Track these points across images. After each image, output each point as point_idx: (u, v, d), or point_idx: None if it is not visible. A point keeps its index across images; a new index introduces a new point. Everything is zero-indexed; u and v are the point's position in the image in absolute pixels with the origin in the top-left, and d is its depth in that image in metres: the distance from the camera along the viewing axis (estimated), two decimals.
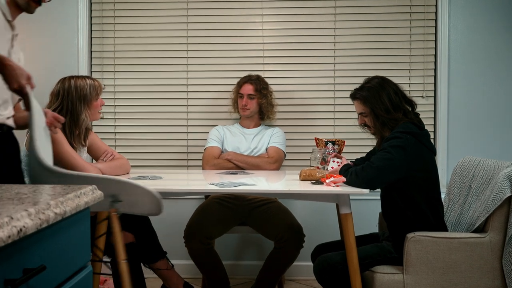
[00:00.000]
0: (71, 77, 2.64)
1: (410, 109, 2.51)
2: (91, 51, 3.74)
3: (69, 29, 3.69)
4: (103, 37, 3.74)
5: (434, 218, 2.43)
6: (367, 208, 3.37)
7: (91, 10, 3.73)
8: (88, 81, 2.63)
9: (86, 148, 2.79)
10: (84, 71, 3.65)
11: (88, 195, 1.38)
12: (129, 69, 3.74)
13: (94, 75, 3.71)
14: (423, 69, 3.63)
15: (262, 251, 3.61)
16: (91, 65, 3.74)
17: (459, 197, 2.69)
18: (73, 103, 2.57)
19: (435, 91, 3.63)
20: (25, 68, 3.57)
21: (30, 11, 2.12)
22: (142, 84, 3.73)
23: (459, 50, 3.59)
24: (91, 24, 3.73)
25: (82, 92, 2.58)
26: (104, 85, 3.69)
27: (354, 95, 2.54)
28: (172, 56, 3.72)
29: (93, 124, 3.69)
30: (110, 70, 3.74)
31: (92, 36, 3.74)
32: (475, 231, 2.41)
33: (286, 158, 3.40)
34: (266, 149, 3.34)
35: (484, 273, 2.32)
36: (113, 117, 3.74)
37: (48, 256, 1.14)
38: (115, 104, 3.74)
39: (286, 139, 3.44)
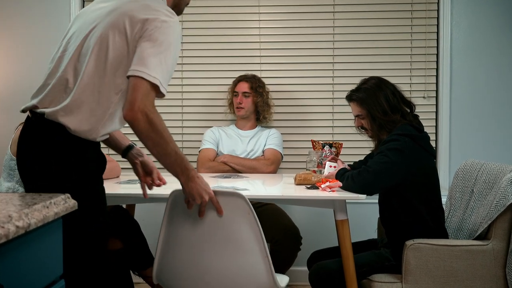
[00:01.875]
0: None
1: (409, 111, 2.43)
2: None
3: (61, 26, 3.60)
4: None
5: (434, 224, 2.34)
6: (365, 213, 3.26)
7: (83, 6, 3.63)
8: None
9: None
10: None
11: (59, 205, 1.29)
12: None
13: None
14: (425, 68, 3.52)
15: None
16: None
17: (461, 202, 2.60)
18: None
19: (437, 91, 3.52)
20: (17, 66, 3.55)
21: (180, 12, 1.99)
22: None
23: (462, 49, 3.48)
24: None
25: None
26: None
27: (350, 97, 2.46)
28: None
29: None
30: None
31: None
32: (477, 238, 2.32)
33: (283, 160, 3.31)
34: (263, 151, 3.25)
35: (487, 282, 2.23)
36: None
37: (8, 273, 1.05)
38: None
39: (283, 140, 3.35)
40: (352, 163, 2.68)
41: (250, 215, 1.86)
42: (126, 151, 2.08)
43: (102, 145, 1.97)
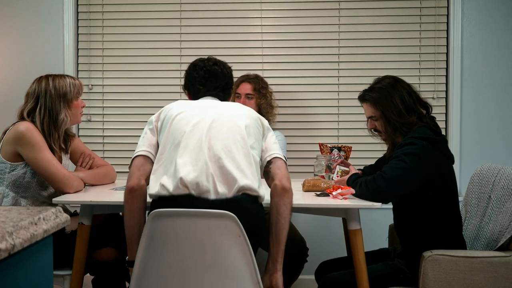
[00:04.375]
0: (49, 75, 2.46)
1: (425, 112, 2.28)
2: (78, 49, 3.51)
3: (53, 25, 3.47)
4: (90, 33, 3.50)
5: (452, 233, 2.21)
6: (375, 219, 3.12)
7: (77, 5, 3.50)
8: (68, 80, 2.45)
9: (68, 155, 2.58)
10: (70, 71, 3.42)
11: (49, 221, 1.14)
12: (118, 68, 3.51)
13: (81, 75, 3.50)
14: (434, 68, 3.39)
15: (262, 266, 3.37)
16: (77, 64, 3.51)
17: (477, 209, 2.46)
18: (52, 102, 2.40)
19: (446, 92, 3.40)
20: (7, 66, 3.40)
21: None
22: (133, 84, 3.50)
23: (473, 47, 3.35)
24: (78, 20, 3.50)
25: (61, 90, 2.41)
26: (92, 85, 3.49)
27: (363, 97, 2.30)
28: (165, 54, 3.49)
29: (79, 127, 3.47)
30: (98, 69, 3.52)
31: (79, 32, 3.51)
32: (498, 249, 2.17)
33: (287, 164, 3.16)
34: None
35: None
36: (101, 120, 3.51)
37: None
38: (104, 105, 3.51)
39: (287, 143, 3.21)
40: (362, 168, 2.54)
41: (241, 238, 1.66)
42: None
43: (99, 148, 1.83)
